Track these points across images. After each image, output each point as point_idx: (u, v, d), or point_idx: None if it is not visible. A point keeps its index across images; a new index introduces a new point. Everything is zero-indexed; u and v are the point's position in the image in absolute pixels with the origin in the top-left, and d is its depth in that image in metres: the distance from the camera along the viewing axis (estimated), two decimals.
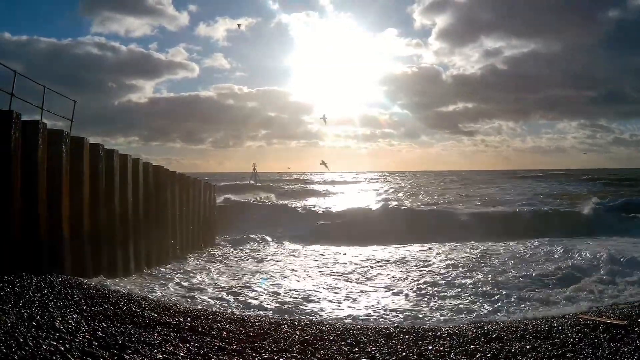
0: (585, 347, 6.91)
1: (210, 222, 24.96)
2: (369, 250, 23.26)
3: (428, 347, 7.49)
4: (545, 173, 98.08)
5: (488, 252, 20.26)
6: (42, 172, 10.97)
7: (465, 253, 20.42)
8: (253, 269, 17.85)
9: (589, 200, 36.79)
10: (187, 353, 6.35)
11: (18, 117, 10.35)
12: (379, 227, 30.11)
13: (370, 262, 19.40)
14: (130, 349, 6.02)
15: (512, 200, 44.99)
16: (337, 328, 9.12)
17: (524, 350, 6.96)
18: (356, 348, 7.53)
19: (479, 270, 16.58)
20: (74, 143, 12.34)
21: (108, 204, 13.85)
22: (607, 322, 8.03)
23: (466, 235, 26.13)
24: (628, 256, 16.71)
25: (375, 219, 33.42)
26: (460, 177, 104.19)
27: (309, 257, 21.60)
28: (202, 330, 7.85)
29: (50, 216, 11.17)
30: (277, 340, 7.70)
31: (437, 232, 28.25)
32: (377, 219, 33.08)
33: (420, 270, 17.32)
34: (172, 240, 19.13)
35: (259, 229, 29.71)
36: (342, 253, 22.48)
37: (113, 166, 14.25)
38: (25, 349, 5.20)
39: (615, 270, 15.45)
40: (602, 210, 34.39)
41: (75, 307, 8.03)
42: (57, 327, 6.39)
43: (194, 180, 22.81)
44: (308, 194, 60.59)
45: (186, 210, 21.05)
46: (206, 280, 15.24)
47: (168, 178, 18.99)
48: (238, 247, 24.36)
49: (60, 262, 11.24)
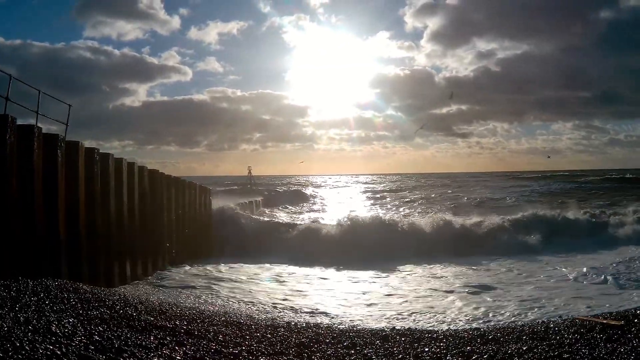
0: (581, 347, 6.93)
1: (206, 226, 24.94)
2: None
3: (424, 349, 7.50)
4: (541, 174, 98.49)
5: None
6: (37, 176, 10.94)
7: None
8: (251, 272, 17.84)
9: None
10: (184, 356, 6.34)
11: (13, 121, 10.32)
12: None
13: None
14: (127, 353, 6.00)
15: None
16: (334, 330, 9.13)
17: (521, 352, 6.98)
18: (352, 350, 7.54)
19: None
20: (70, 147, 12.31)
21: (104, 208, 13.82)
22: (604, 322, 8.06)
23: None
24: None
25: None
26: (451, 179, 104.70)
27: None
28: (198, 333, 7.83)
29: (46, 220, 11.13)
30: (274, 343, 7.70)
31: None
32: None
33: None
34: (168, 244, 19.10)
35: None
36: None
37: (108, 170, 14.23)
38: (22, 352, 5.19)
39: None
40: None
41: (72, 311, 8.00)
42: (53, 331, 6.37)
43: (189, 183, 22.80)
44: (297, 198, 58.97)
45: (182, 214, 21.04)
46: (202, 283, 15.22)
47: (163, 181, 18.99)
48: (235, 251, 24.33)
49: (56, 266, 11.21)
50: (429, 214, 34.18)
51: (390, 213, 42.40)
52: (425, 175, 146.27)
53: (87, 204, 12.87)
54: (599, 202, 44.69)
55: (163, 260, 18.25)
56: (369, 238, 25.24)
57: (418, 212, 42.65)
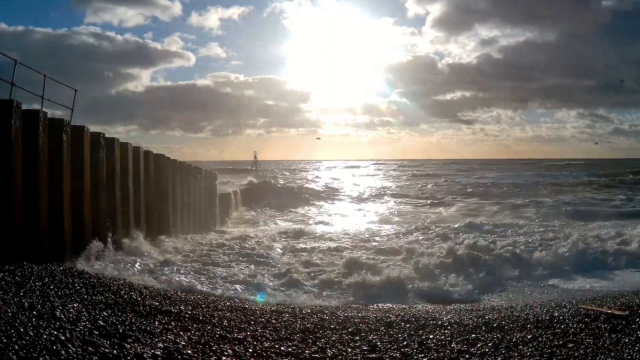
0: (586, 337, 6.91)
1: (211, 210, 24.99)
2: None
3: (429, 336, 7.49)
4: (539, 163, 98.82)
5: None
6: (43, 161, 10.93)
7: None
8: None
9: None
10: (188, 342, 6.35)
11: (19, 106, 10.30)
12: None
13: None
14: (131, 338, 6.02)
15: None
16: (338, 316, 9.13)
17: (525, 340, 6.96)
18: (357, 337, 7.53)
19: None
20: (75, 132, 12.29)
21: (109, 193, 13.82)
22: (608, 312, 8.02)
23: None
24: None
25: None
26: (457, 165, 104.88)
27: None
28: (203, 318, 7.85)
29: (51, 205, 11.14)
30: (278, 329, 7.71)
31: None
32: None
33: None
34: (173, 228, 19.15)
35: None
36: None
37: (114, 154, 14.22)
38: (26, 338, 5.20)
39: None
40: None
41: (76, 296, 8.03)
42: (57, 317, 6.39)
43: (195, 168, 22.83)
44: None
45: (187, 198, 21.07)
46: (206, 268, 15.24)
47: (169, 166, 18.99)
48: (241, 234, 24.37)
49: (60, 250, 11.24)
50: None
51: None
52: (441, 163, 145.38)
53: (93, 188, 12.85)
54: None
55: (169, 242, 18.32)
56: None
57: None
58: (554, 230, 23.43)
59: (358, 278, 13.39)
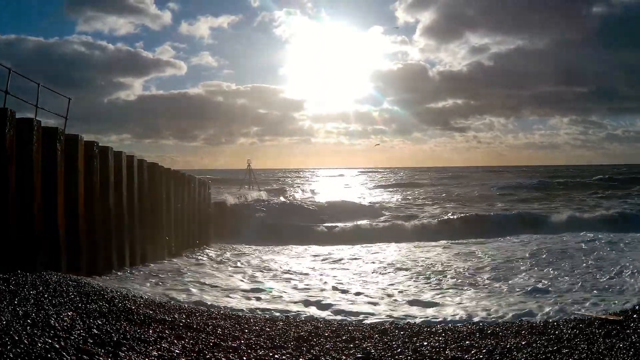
0: (580, 342, 6.94)
1: (205, 219, 24.91)
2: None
3: (423, 343, 7.50)
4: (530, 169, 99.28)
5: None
6: (36, 169, 10.92)
7: None
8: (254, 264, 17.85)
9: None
10: (182, 350, 6.34)
11: (12, 114, 10.29)
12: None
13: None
14: (126, 346, 6.00)
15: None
16: (332, 324, 9.13)
17: (520, 346, 6.99)
18: (351, 344, 7.53)
19: None
20: (69, 141, 12.28)
21: (103, 202, 13.80)
22: (602, 317, 8.08)
23: None
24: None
25: None
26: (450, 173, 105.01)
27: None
28: (197, 327, 7.84)
29: (45, 214, 11.11)
30: (272, 337, 7.70)
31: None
32: None
33: None
34: (167, 237, 19.09)
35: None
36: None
37: (108, 163, 14.21)
38: (20, 346, 5.18)
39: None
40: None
41: (70, 304, 8.00)
42: (52, 325, 6.37)
43: (188, 177, 22.77)
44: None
45: (181, 207, 21.01)
46: (200, 276, 15.22)
47: (163, 175, 18.95)
48: (233, 245, 24.34)
49: (55, 259, 11.20)
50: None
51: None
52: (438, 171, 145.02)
53: (86, 197, 12.84)
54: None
55: (162, 253, 18.23)
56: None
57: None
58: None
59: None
